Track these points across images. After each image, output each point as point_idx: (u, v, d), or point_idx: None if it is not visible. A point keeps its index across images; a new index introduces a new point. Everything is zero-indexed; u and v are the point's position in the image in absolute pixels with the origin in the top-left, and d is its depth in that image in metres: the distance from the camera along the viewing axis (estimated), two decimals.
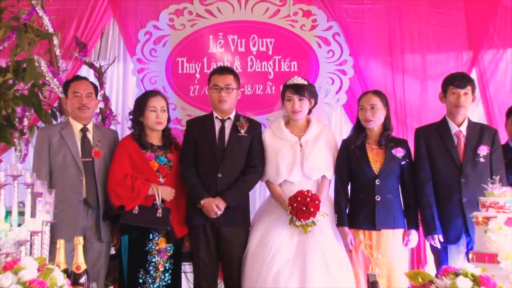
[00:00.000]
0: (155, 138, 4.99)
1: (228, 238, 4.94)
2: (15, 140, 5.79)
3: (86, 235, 4.79)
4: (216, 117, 5.05)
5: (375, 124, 4.95)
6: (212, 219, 4.88)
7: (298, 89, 4.96)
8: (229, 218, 4.92)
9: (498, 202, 3.59)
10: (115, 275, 5.10)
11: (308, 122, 5.07)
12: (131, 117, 5.07)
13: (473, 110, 5.89)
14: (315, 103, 5.09)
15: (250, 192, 5.22)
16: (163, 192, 4.82)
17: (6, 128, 5.69)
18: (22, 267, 2.88)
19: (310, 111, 5.09)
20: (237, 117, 5.08)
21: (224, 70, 5.21)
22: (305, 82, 5.03)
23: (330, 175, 5.01)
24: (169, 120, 5.08)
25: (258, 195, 6.10)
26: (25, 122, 5.80)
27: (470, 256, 3.66)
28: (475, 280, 2.90)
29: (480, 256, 3.53)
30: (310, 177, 4.95)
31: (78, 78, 5.28)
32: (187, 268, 5.37)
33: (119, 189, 4.80)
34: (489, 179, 3.86)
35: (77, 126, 4.97)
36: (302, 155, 4.95)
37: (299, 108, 4.95)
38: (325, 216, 4.78)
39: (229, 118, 5.05)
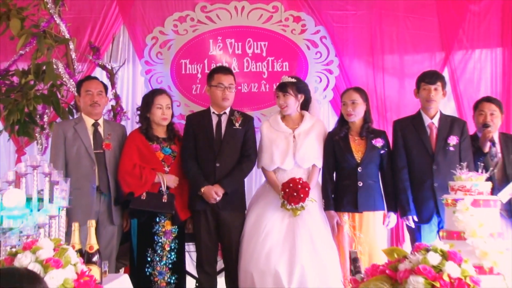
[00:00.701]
0: (160, 132, 4.99)
1: (227, 221, 4.94)
2: (36, 134, 5.80)
3: (99, 219, 4.81)
4: (213, 112, 5.05)
5: (356, 117, 4.97)
6: (212, 204, 4.88)
7: (282, 87, 5.00)
8: (227, 203, 4.92)
9: (465, 185, 3.60)
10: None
11: (302, 116, 5.07)
12: (139, 112, 5.08)
13: (445, 105, 5.88)
14: (306, 97, 5.08)
15: (247, 179, 5.23)
16: (168, 180, 4.83)
17: (29, 124, 5.70)
18: (39, 247, 2.89)
19: (306, 107, 5.10)
20: (231, 111, 5.07)
21: (228, 71, 5.21)
22: (292, 80, 5.03)
23: (320, 164, 5.00)
24: (172, 115, 5.08)
25: (254, 182, 6.10)
26: (45, 118, 5.81)
27: (441, 234, 3.68)
28: (444, 255, 2.91)
29: (449, 234, 3.55)
30: (302, 165, 4.95)
31: (89, 78, 5.30)
32: (191, 247, 5.36)
33: (129, 177, 4.82)
34: (457, 165, 3.87)
35: (89, 121, 4.98)
36: (295, 145, 4.96)
37: (284, 103, 4.97)
38: (313, 201, 4.79)
39: (224, 113, 5.05)
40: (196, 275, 5.17)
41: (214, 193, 4.84)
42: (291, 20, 6.38)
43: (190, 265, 5.47)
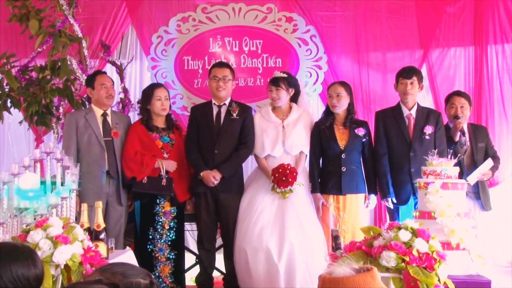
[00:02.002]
0: (159, 122, 4.98)
1: (225, 203, 4.95)
2: (53, 124, 5.80)
3: (108, 201, 4.84)
4: (214, 104, 5.04)
5: (340, 109, 4.95)
6: (212, 187, 4.89)
7: (274, 81, 4.98)
8: (226, 186, 4.93)
9: (436, 170, 3.63)
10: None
11: (291, 108, 5.06)
12: (139, 105, 5.08)
13: (424, 97, 5.89)
14: (296, 90, 5.07)
15: (244, 164, 5.23)
16: (167, 165, 4.83)
17: (46, 114, 5.72)
18: (50, 225, 2.93)
19: (295, 100, 5.08)
20: (230, 103, 5.05)
21: (222, 64, 5.20)
22: (283, 75, 5.01)
23: (307, 151, 5.00)
24: (170, 107, 5.07)
25: (250, 167, 6.11)
26: (61, 110, 5.79)
27: (415, 214, 3.71)
28: (414, 232, 2.95)
29: (421, 213, 3.59)
30: (290, 152, 4.95)
31: (100, 72, 5.28)
32: (193, 227, 5.39)
33: (131, 163, 4.83)
34: (429, 152, 3.89)
35: (98, 112, 4.96)
36: (284, 134, 4.95)
37: (276, 96, 4.95)
38: (301, 185, 4.80)
39: (224, 104, 5.02)
40: (197, 252, 5.20)
41: (212, 177, 4.84)
42: (284, 20, 6.36)
43: (193, 243, 5.49)
